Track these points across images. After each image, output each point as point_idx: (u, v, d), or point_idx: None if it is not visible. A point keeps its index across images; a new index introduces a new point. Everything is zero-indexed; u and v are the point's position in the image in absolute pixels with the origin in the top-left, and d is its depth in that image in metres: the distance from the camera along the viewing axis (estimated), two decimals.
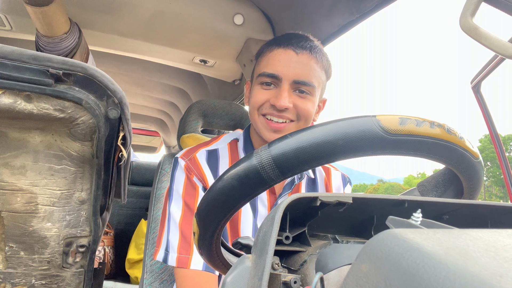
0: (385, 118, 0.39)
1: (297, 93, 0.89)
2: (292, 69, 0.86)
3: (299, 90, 0.88)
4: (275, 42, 0.91)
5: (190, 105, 1.45)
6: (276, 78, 0.88)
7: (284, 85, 0.87)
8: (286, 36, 0.92)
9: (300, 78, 0.87)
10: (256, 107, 0.91)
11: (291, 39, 0.90)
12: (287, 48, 0.88)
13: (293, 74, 0.86)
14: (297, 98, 0.88)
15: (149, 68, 2.15)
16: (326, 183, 1.08)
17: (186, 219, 0.89)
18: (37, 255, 0.64)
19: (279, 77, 0.87)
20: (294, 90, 0.88)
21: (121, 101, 0.55)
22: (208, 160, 0.96)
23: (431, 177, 0.55)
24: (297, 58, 0.87)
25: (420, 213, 0.32)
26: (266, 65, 0.90)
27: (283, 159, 0.38)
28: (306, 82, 0.87)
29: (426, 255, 0.20)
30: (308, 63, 0.88)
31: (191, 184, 0.92)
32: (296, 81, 0.87)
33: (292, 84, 0.87)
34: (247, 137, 1.03)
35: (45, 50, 1.32)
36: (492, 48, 0.51)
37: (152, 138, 3.99)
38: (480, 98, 1.68)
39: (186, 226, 0.89)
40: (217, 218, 0.43)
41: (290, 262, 0.39)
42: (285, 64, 0.87)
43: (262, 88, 0.90)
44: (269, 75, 0.88)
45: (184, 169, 0.93)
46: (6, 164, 0.58)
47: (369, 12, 1.17)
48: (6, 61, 0.48)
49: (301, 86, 0.88)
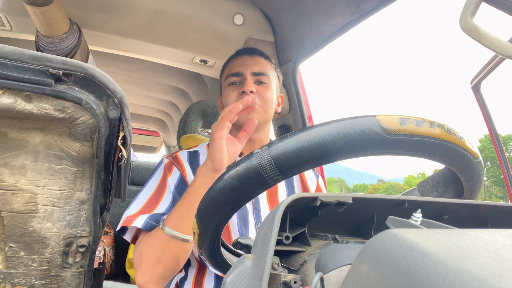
0: (385, 118, 0.39)
1: (257, 84, 1.07)
2: (249, 66, 1.08)
3: (259, 81, 1.07)
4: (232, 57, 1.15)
5: (190, 105, 1.45)
6: (239, 75, 1.07)
7: (247, 77, 1.06)
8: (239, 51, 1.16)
9: (257, 70, 1.08)
10: (232, 101, 1.05)
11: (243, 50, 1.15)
12: (242, 55, 1.12)
13: (251, 69, 1.08)
14: (259, 87, 1.07)
15: (149, 68, 2.15)
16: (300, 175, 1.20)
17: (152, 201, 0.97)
18: (37, 255, 0.64)
19: (240, 73, 1.07)
20: (255, 82, 1.07)
21: (121, 101, 0.55)
22: (188, 158, 1.10)
23: (431, 177, 0.55)
24: (252, 59, 1.11)
25: (420, 213, 0.32)
26: (229, 70, 1.11)
27: (283, 159, 0.38)
28: (262, 72, 1.08)
29: (426, 255, 0.20)
30: (260, 61, 1.11)
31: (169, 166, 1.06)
32: (255, 73, 1.07)
33: (252, 76, 1.07)
34: None
35: (45, 50, 1.32)
36: (492, 48, 0.51)
37: (152, 138, 3.99)
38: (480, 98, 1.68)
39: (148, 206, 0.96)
40: (217, 218, 0.43)
41: (290, 262, 0.39)
42: (243, 64, 1.09)
43: (230, 87, 1.08)
44: (233, 74, 1.08)
45: (165, 166, 1.06)
46: (6, 164, 0.58)
47: (369, 12, 1.18)
48: (6, 61, 0.48)
49: (260, 77, 1.08)
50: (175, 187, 1.00)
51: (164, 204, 0.96)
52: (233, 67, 1.10)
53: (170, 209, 0.94)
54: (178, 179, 1.02)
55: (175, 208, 0.89)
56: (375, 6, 1.13)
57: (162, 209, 0.94)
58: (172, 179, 1.02)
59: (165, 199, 0.97)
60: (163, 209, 0.95)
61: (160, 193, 0.99)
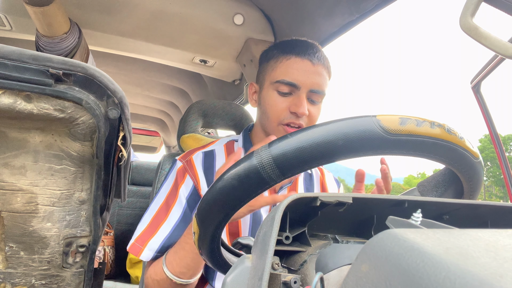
0: (386, 118, 0.39)
1: (309, 100, 0.94)
2: (310, 79, 0.92)
3: (312, 98, 0.94)
4: (291, 51, 0.95)
5: (190, 105, 1.45)
6: (294, 87, 0.92)
7: (302, 94, 0.92)
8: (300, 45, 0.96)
9: (316, 88, 0.93)
10: (276, 115, 0.94)
11: (307, 49, 0.94)
12: (304, 58, 0.93)
13: (310, 84, 0.92)
14: (310, 105, 0.94)
15: (149, 68, 2.15)
16: (321, 181, 1.13)
17: (160, 213, 0.94)
18: (37, 255, 0.64)
19: (297, 86, 0.91)
20: (308, 97, 0.94)
21: (121, 101, 0.55)
22: (204, 161, 1.00)
23: (431, 177, 0.55)
24: (314, 69, 0.92)
25: (420, 213, 0.32)
26: (284, 73, 0.93)
27: (283, 159, 0.38)
28: (320, 91, 0.94)
29: (426, 255, 0.20)
30: (322, 73, 0.94)
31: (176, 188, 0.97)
32: (312, 90, 0.92)
33: (308, 93, 0.93)
34: (247, 137, 1.06)
35: (45, 50, 1.32)
36: (492, 48, 0.51)
37: (152, 138, 3.99)
38: (480, 98, 1.68)
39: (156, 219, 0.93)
40: (217, 218, 0.43)
41: (290, 262, 0.39)
42: (304, 74, 0.92)
43: (280, 96, 0.94)
44: (288, 83, 0.92)
45: (178, 171, 0.98)
46: (6, 164, 0.58)
47: (369, 12, 1.17)
48: (6, 61, 0.48)
49: (314, 95, 0.93)
50: (186, 200, 0.93)
51: (171, 219, 0.92)
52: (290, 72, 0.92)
53: (178, 225, 0.91)
54: (191, 190, 0.95)
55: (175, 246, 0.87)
56: (375, 6, 1.13)
57: (169, 227, 0.91)
58: (184, 189, 0.94)
59: (173, 214, 0.93)
60: (170, 226, 0.91)
61: (169, 206, 0.94)
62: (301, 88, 0.91)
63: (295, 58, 0.93)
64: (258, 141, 1.03)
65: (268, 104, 0.95)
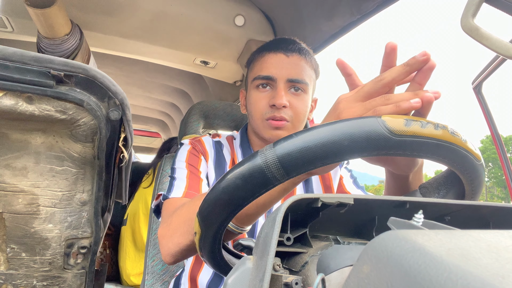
0: (391, 119, 0.39)
1: (292, 91, 0.93)
2: (285, 70, 0.91)
3: (294, 88, 0.93)
4: (265, 48, 0.97)
5: (191, 106, 1.45)
6: (271, 80, 0.92)
7: (279, 85, 0.91)
8: (274, 42, 0.98)
9: (293, 77, 0.91)
10: (259, 112, 0.94)
11: (279, 44, 0.95)
12: (277, 52, 0.93)
13: (286, 74, 0.91)
14: (292, 96, 0.92)
15: (150, 70, 2.16)
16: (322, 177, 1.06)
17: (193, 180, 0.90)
18: (39, 257, 0.64)
19: (273, 78, 0.91)
20: (289, 88, 0.93)
21: (123, 102, 0.55)
22: (214, 144, 1.02)
23: (433, 178, 0.55)
24: (288, 60, 0.92)
25: (421, 214, 0.32)
26: (260, 69, 0.94)
27: (288, 158, 0.38)
28: (299, 79, 0.92)
29: (428, 256, 0.20)
30: (298, 63, 0.93)
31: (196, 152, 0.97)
32: (290, 80, 0.91)
33: (286, 83, 0.92)
34: (244, 135, 1.07)
35: (46, 52, 1.32)
36: (494, 49, 0.51)
37: (153, 140, 3.99)
38: (481, 98, 1.68)
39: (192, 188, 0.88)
40: (219, 217, 0.43)
41: (291, 263, 0.39)
42: (278, 66, 0.92)
43: (259, 91, 0.94)
44: (264, 77, 0.92)
45: (189, 143, 0.99)
46: (8, 166, 0.58)
47: (370, 13, 1.17)
48: (7, 62, 0.49)
49: (295, 84, 0.92)
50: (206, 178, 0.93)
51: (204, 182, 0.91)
52: (265, 66, 0.93)
53: None
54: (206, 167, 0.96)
55: None
56: (376, 7, 1.13)
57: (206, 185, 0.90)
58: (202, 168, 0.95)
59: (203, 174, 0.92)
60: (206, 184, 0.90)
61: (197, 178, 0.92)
62: (277, 79, 0.91)
63: (268, 54, 0.94)
64: (252, 140, 1.04)
65: (250, 103, 0.97)
